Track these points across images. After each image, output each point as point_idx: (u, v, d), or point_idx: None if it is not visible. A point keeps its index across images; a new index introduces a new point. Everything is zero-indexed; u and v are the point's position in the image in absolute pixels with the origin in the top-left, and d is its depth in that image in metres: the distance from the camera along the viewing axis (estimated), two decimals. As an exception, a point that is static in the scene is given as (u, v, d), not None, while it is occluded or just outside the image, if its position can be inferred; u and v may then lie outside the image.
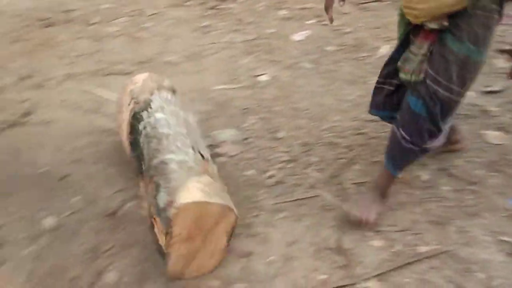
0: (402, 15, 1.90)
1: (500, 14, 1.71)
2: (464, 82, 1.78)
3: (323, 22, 4.12)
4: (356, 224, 1.99)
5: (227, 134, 2.68)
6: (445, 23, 1.70)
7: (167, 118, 2.13)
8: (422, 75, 1.81)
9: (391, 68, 2.03)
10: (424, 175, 2.31)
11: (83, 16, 4.64)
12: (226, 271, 1.82)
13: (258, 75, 3.41)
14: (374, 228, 2.00)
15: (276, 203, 2.18)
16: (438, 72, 1.76)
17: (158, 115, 2.14)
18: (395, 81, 2.03)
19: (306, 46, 3.78)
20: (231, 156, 2.51)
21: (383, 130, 2.62)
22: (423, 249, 1.91)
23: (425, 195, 2.19)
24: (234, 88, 3.25)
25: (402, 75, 1.90)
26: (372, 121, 2.67)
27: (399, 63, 1.92)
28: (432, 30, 1.75)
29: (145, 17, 4.63)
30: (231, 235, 1.79)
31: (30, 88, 3.26)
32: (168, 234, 1.66)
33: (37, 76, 3.44)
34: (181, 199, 1.65)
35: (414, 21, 1.80)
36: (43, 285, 1.75)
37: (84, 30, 4.32)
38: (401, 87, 2.01)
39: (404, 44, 1.94)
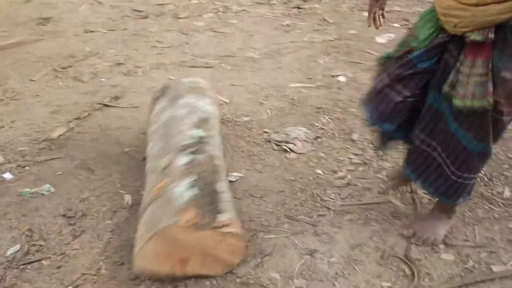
0: (428, 20, 1.58)
1: None
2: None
3: (409, 26, 3.93)
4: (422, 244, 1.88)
5: (299, 131, 2.64)
6: (491, 35, 1.37)
7: (152, 145, 2.09)
8: (485, 100, 1.43)
9: (405, 71, 1.63)
10: (507, 192, 2.13)
11: (174, 10, 4.80)
12: (287, 266, 1.79)
13: (335, 76, 3.33)
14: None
15: (344, 205, 2.10)
16: (493, 97, 1.44)
17: (148, 148, 2.12)
18: (409, 94, 1.66)
19: (388, 49, 3.62)
20: (302, 154, 2.47)
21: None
22: (497, 268, 1.77)
23: (505, 213, 2.02)
24: (310, 87, 3.20)
25: (457, 102, 1.49)
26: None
27: (446, 89, 1.53)
28: (478, 43, 1.41)
29: (230, 13, 4.70)
30: (206, 222, 1.58)
31: (121, 74, 3.43)
32: (167, 276, 1.67)
33: (129, 63, 3.61)
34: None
35: (452, 31, 1.47)
36: (117, 256, 1.82)
37: (174, 23, 4.47)
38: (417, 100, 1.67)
39: (430, 54, 1.57)
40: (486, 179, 2.24)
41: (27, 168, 2.33)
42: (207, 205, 1.64)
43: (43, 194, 2.13)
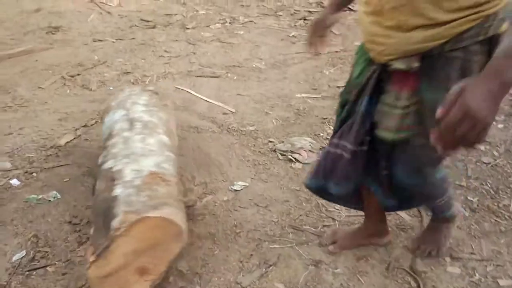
0: (362, 52, 1.45)
1: (488, 56, 1.22)
2: None
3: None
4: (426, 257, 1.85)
5: (304, 141, 2.63)
6: (415, 64, 1.27)
7: None
8: (404, 134, 1.37)
9: (361, 128, 1.47)
10: (513, 205, 2.11)
11: (181, 21, 4.83)
12: (292, 276, 1.77)
13: (341, 87, 3.31)
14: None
15: (349, 215, 2.08)
16: (418, 128, 1.35)
17: None
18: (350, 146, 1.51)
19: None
20: (307, 164, 2.46)
21: (471, 154, 2.44)
22: (504, 282, 1.74)
23: (512, 226, 2.00)
24: (315, 97, 3.19)
25: (381, 133, 1.42)
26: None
27: (375, 118, 1.43)
28: (404, 72, 1.31)
29: (237, 24, 4.72)
30: (102, 245, 1.53)
31: (129, 83, 3.44)
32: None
33: (136, 72, 3.63)
34: None
35: (378, 59, 1.36)
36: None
37: (182, 33, 4.50)
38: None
39: (364, 90, 1.45)
40: (492, 192, 2.21)
41: (34, 174, 2.33)
42: (99, 230, 1.58)
43: (49, 200, 2.12)
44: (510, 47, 0.93)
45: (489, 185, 2.26)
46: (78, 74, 3.55)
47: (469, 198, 2.17)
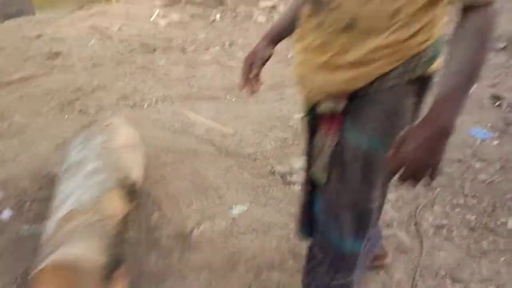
0: None
1: (419, 97, 1.19)
2: (371, 185, 1.23)
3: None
4: None
5: (303, 162, 2.55)
6: (341, 105, 1.20)
7: None
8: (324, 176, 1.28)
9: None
10: (511, 222, 2.02)
11: (181, 44, 4.81)
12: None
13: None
14: None
15: (350, 240, 1.99)
16: (337, 173, 1.25)
17: None
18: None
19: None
20: (306, 185, 2.38)
21: (468, 172, 2.36)
22: (507, 304, 1.64)
23: (510, 244, 1.92)
24: (314, 117, 3.13)
25: (313, 174, 1.36)
26: (458, 161, 2.42)
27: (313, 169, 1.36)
28: (332, 114, 1.23)
29: (236, 46, 4.70)
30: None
31: (127, 107, 3.39)
32: None
33: (136, 96, 3.58)
34: None
35: (308, 100, 1.30)
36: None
37: (181, 57, 4.47)
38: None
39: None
40: (489, 210, 2.14)
41: (27, 204, 2.24)
42: None
43: (41, 232, 2.03)
44: (444, 91, 0.93)
45: (486, 203, 2.18)
46: (77, 99, 3.50)
47: (467, 217, 2.09)
